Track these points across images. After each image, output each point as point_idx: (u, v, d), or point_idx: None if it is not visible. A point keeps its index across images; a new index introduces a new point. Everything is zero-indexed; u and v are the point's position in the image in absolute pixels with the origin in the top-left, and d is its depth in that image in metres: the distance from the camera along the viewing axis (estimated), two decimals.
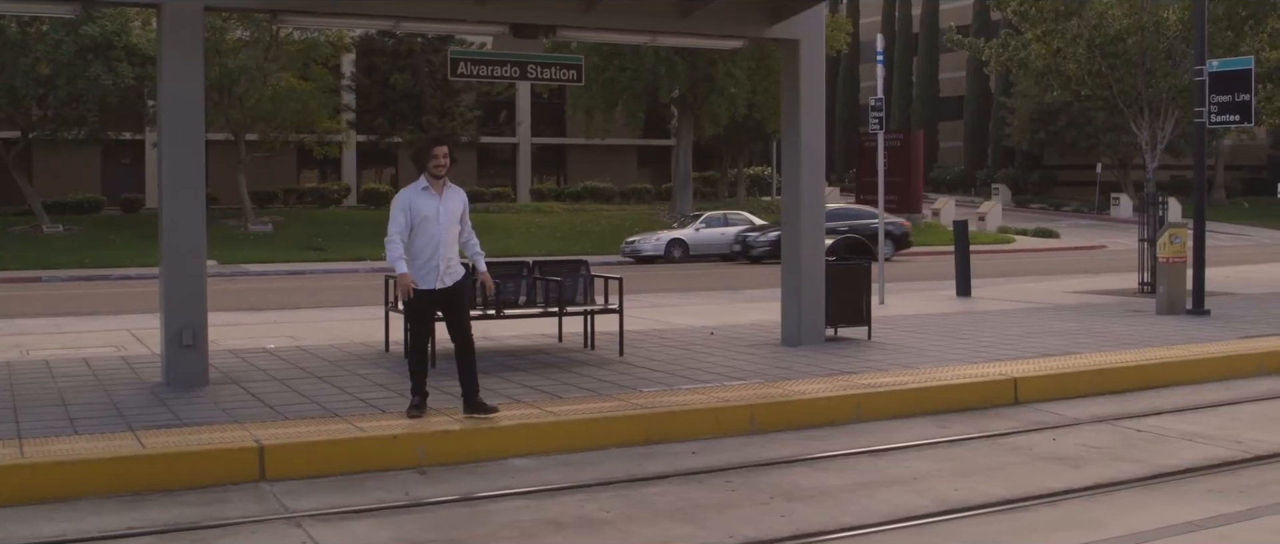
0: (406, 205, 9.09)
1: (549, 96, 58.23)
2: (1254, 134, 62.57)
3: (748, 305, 19.55)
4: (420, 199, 9.11)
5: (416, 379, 9.31)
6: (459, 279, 9.25)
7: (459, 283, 9.25)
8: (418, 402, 9.27)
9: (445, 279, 9.14)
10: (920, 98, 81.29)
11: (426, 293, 9.12)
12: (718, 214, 40.47)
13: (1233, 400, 11.27)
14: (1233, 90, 17.65)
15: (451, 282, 9.18)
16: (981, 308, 18.54)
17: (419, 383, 9.31)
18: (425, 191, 9.13)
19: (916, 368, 11.95)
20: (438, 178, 9.13)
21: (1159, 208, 20.64)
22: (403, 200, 9.14)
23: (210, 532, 6.93)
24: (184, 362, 10.91)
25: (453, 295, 9.21)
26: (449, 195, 9.22)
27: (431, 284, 9.10)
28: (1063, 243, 48.13)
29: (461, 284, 9.29)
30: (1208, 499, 7.63)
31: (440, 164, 9.09)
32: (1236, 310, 17.79)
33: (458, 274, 9.24)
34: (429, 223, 9.04)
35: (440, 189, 9.17)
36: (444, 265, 9.10)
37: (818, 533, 6.88)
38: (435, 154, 9.09)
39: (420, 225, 9.05)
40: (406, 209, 9.07)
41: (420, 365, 9.33)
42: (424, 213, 9.05)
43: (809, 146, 13.82)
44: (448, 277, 9.15)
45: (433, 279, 9.09)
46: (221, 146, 45.85)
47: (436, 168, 9.09)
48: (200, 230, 11.10)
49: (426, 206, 9.08)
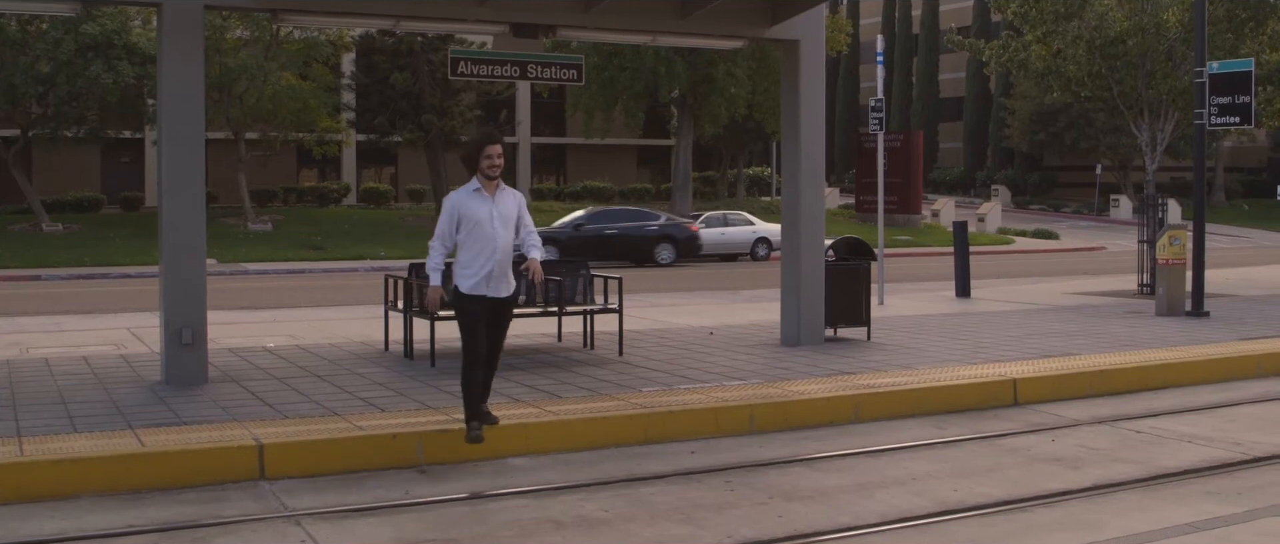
0: (456, 209, 8.47)
1: (549, 96, 58.28)
2: (1254, 136, 62.58)
3: (747, 305, 19.56)
4: (472, 202, 8.48)
5: (472, 402, 8.57)
6: (509, 294, 8.62)
7: (509, 298, 8.63)
8: (475, 425, 8.55)
9: (499, 288, 8.53)
10: (920, 99, 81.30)
11: (477, 299, 8.49)
12: (717, 214, 40.43)
13: (1232, 402, 11.28)
14: (1233, 92, 17.66)
15: (505, 292, 8.57)
16: (981, 309, 18.55)
17: (474, 406, 8.58)
18: (477, 193, 8.50)
19: (915, 368, 11.95)
20: (491, 178, 8.50)
21: (1159, 209, 20.65)
22: (453, 203, 8.50)
23: (209, 530, 6.93)
24: (183, 360, 10.92)
25: (500, 308, 8.61)
26: (503, 198, 8.58)
27: (484, 292, 8.48)
28: (1062, 244, 48.14)
29: (512, 299, 8.68)
30: (1206, 501, 7.64)
31: (495, 164, 8.47)
32: (1236, 312, 17.80)
33: (507, 288, 8.60)
34: (482, 227, 8.42)
35: (494, 191, 8.53)
36: (498, 272, 8.49)
37: (816, 533, 6.88)
38: (489, 153, 8.46)
39: (472, 231, 8.42)
40: (456, 213, 8.46)
41: (474, 385, 8.55)
42: (476, 217, 8.42)
43: (809, 147, 13.82)
44: (501, 286, 8.54)
45: (484, 287, 8.47)
46: (221, 145, 45.87)
47: (490, 168, 8.46)
48: (200, 229, 11.10)
49: (479, 210, 8.45)
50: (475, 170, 8.52)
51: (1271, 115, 28.97)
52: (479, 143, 8.51)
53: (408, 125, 46.18)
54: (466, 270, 8.47)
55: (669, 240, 34.87)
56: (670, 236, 35.05)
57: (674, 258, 34.99)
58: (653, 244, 34.68)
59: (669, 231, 35.31)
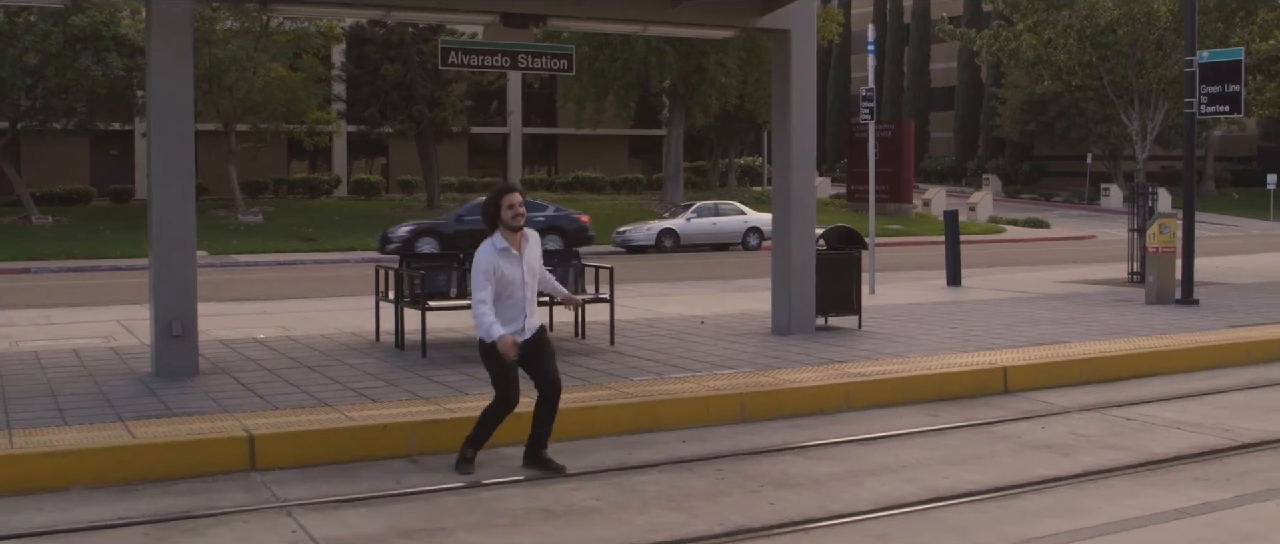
0: (490, 270, 7.90)
1: (540, 86, 58.26)
2: (1244, 125, 62.72)
3: (738, 295, 19.57)
4: (504, 264, 7.94)
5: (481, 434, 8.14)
6: (538, 329, 8.19)
7: (541, 330, 8.21)
8: (470, 454, 8.14)
9: (527, 333, 8.08)
10: (911, 88, 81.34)
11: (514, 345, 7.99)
12: (709, 204, 40.48)
13: (1221, 389, 11.32)
14: (1223, 81, 17.70)
15: (532, 330, 8.13)
16: (972, 297, 18.58)
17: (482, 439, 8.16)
18: (505, 253, 7.96)
19: (906, 357, 11.97)
20: (515, 230, 8.01)
21: (1149, 198, 20.69)
22: (485, 264, 7.92)
23: (201, 521, 6.92)
24: (174, 352, 10.90)
25: (533, 345, 8.11)
26: (528, 249, 8.14)
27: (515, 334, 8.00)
28: (1053, 233, 48.23)
29: (543, 332, 8.24)
30: (1196, 487, 7.67)
31: (518, 214, 7.99)
32: (1225, 300, 17.84)
33: (535, 326, 8.16)
34: (515, 287, 7.99)
35: (520, 244, 8.06)
36: (529, 320, 8.09)
37: (807, 521, 6.90)
38: (511, 203, 7.96)
39: (505, 291, 7.96)
40: (492, 273, 7.91)
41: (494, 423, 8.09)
42: (510, 278, 7.96)
43: (800, 137, 13.82)
44: (529, 329, 8.10)
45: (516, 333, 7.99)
46: (211, 137, 45.77)
47: (514, 219, 7.96)
48: (190, 221, 11.08)
49: (511, 271, 7.96)
50: (497, 224, 8.02)
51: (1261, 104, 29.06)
52: (497, 194, 8.04)
53: (399, 116, 46.11)
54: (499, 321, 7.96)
55: (557, 231, 33.53)
56: (558, 228, 33.84)
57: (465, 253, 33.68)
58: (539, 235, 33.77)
59: (557, 223, 34.27)
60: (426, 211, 45.60)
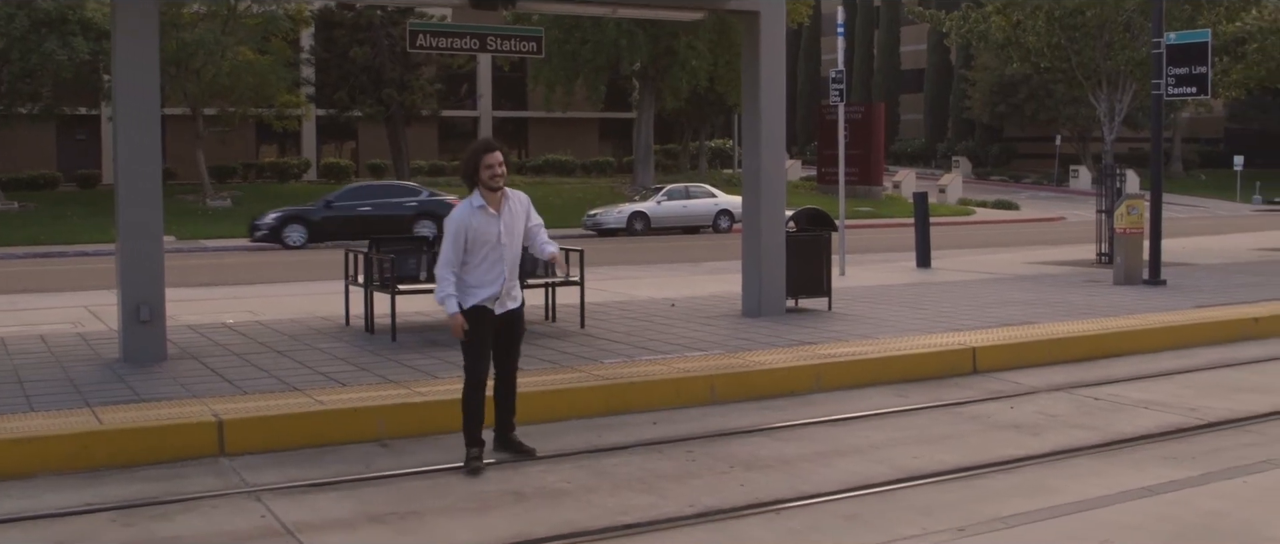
0: (462, 230, 7.57)
1: (510, 69, 58.07)
2: (1211, 107, 63.10)
3: (709, 277, 19.58)
4: (479, 222, 7.60)
5: (472, 426, 7.75)
6: (519, 305, 7.92)
7: (519, 309, 7.92)
8: (476, 453, 7.72)
9: (507, 303, 7.79)
10: (881, 71, 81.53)
11: (484, 312, 7.71)
12: (680, 187, 40.47)
13: (1187, 368, 11.41)
14: (1189, 63, 17.80)
15: (512, 306, 7.84)
16: (941, 279, 18.65)
17: (475, 431, 7.76)
18: (482, 210, 7.61)
19: (876, 338, 12.01)
20: (495, 190, 7.65)
21: (1117, 180, 20.80)
22: (458, 224, 7.59)
23: (169, 507, 6.89)
24: (141, 337, 10.84)
25: (508, 322, 7.84)
26: (510, 208, 7.74)
27: (490, 306, 7.72)
28: (1022, 214, 48.43)
29: (520, 311, 7.96)
30: (1163, 465, 7.73)
31: (496, 174, 7.60)
32: (1192, 281, 17.97)
33: (517, 299, 7.90)
34: (491, 248, 7.63)
35: (499, 204, 7.68)
36: (506, 289, 7.75)
37: (777, 501, 6.92)
38: (489, 162, 7.59)
39: (482, 252, 7.62)
40: (463, 234, 7.57)
41: (476, 408, 7.76)
42: (486, 237, 7.60)
43: (769, 119, 13.83)
44: (509, 301, 7.81)
45: (493, 303, 7.72)
46: (179, 121, 45.47)
47: (492, 179, 7.59)
48: (157, 206, 11.01)
49: (487, 229, 7.60)
50: (475, 184, 7.65)
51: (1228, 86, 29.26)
52: (476, 152, 7.65)
53: (368, 100, 45.95)
54: (474, 291, 7.67)
55: (429, 217, 33.14)
56: (430, 213, 33.34)
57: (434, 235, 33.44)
58: (410, 222, 33.05)
59: (429, 207, 33.81)
60: None
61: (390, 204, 33.72)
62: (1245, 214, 51.51)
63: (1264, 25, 27.38)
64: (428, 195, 34.87)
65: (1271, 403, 9.67)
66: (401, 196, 34.43)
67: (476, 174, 7.62)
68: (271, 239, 31.58)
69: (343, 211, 33.17)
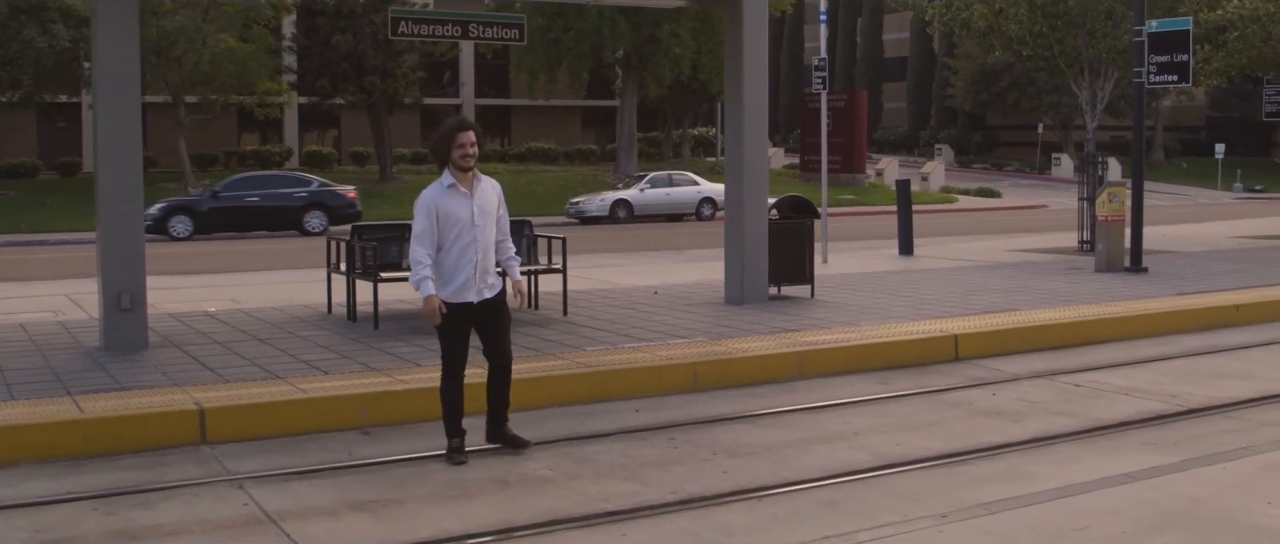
0: (432, 210, 7.42)
1: (493, 57, 57.92)
2: (1193, 95, 63.34)
3: (692, 265, 19.59)
4: (449, 200, 7.44)
5: (450, 417, 7.65)
6: (498, 292, 7.72)
7: (498, 295, 7.72)
8: (457, 444, 7.60)
9: (484, 291, 7.60)
10: (864, 59, 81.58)
11: (462, 308, 7.55)
12: (662, 175, 40.49)
13: (1168, 355, 11.45)
14: (1171, 51, 17.85)
15: (491, 294, 7.65)
16: (923, 266, 18.69)
17: (454, 422, 7.64)
18: (452, 190, 7.44)
19: (858, 325, 12.03)
20: (465, 171, 7.45)
21: (1099, 167, 20.85)
22: (427, 204, 7.44)
23: (150, 495, 6.87)
24: (123, 325, 10.80)
25: (491, 309, 7.66)
26: (482, 192, 7.56)
27: (468, 297, 7.54)
28: (1004, 202, 48.57)
29: (501, 296, 7.75)
30: (1143, 451, 7.76)
31: (468, 154, 7.40)
32: (1173, 268, 18.03)
33: (496, 285, 7.71)
34: (464, 229, 7.44)
35: (470, 184, 7.49)
36: (480, 272, 7.54)
37: (759, 488, 6.93)
38: (462, 142, 7.39)
39: (452, 233, 7.44)
40: (432, 214, 7.42)
41: (454, 399, 7.64)
42: (457, 217, 7.42)
43: (752, 107, 13.82)
44: (486, 288, 7.61)
45: (470, 292, 7.53)
46: (160, 109, 45.29)
47: (464, 158, 7.39)
48: (137, 193, 10.96)
49: (458, 209, 7.43)
50: (447, 162, 7.46)
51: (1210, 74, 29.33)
52: (450, 130, 7.45)
53: (350, 87, 45.76)
54: (449, 277, 7.51)
55: (320, 208, 32.79)
56: (321, 204, 32.97)
57: (325, 226, 31.98)
58: (300, 212, 32.53)
59: (320, 198, 33.20)
60: (377, 184, 45.32)
61: (279, 195, 32.93)
62: (1226, 202, 51.74)
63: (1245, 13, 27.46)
64: (318, 186, 34.05)
65: (1252, 389, 9.71)
66: (291, 187, 33.67)
67: (449, 153, 7.43)
68: (156, 230, 30.44)
69: (230, 202, 32.13)
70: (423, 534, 6.17)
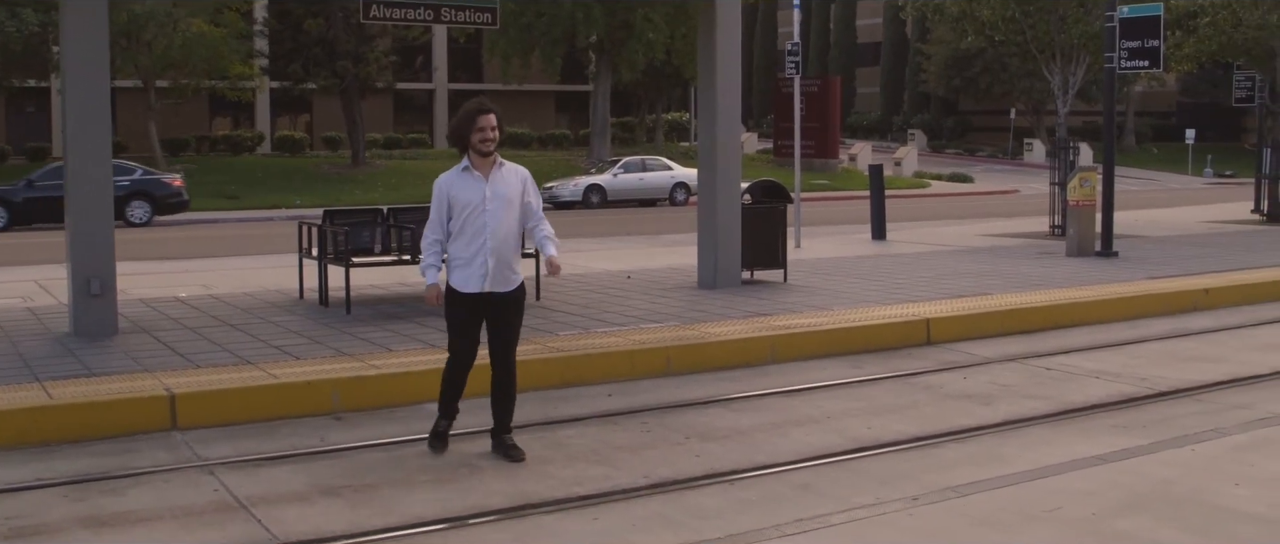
0: (443, 194, 7.14)
1: (465, 41, 57.76)
2: (1163, 80, 63.59)
3: (665, 250, 19.59)
4: (461, 184, 7.12)
5: (445, 397, 7.40)
6: (513, 288, 7.28)
7: (512, 292, 7.28)
8: (443, 426, 7.40)
9: (494, 284, 7.16)
10: (837, 44, 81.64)
11: (467, 297, 7.15)
12: (636, 160, 40.45)
13: (1138, 339, 11.51)
14: (1142, 36, 17.94)
15: (503, 288, 7.21)
16: (896, 251, 18.74)
17: (448, 403, 7.41)
18: (466, 173, 7.13)
19: (831, 309, 12.05)
20: (485, 155, 7.11)
21: (1070, 152, 20.95)
22: (441, 187, 7.18)
23: (120, 481, 6.84)
24: (92, 311, 10.73)
25: (501, 306, 7.25)
26: (501, 177, 7.19)
27: (475, 287, 7.13)
28: (977, 187, 48.73)
29: (515, 295, 7.31)
30: (1113, 434, 7.80)
31: (488, 138, 7.06)
32: (1144, 253, 18.13)
33: (511, 281, 7.24)
34: (474, 214, 7.07)
35: (488, 170, 7.15)
36: (494, 265, 7.11)
37: (731, 472, 6.94)
38: (481, 126, 7.07)
39: (463, 217, 7.08)
40: (445, 197, 7.12)
41: (451, 382, 7.37)
42: (468, 201, 7.07)
43: (725, 92, 13.81)
44: (498, 281, 7.16)
45: (478, 282, 7.12)
46: (130, 94, 44.99)
47: (483, 143, 7.05)
48: (107, 178, 10.89)
49: (470, 193, 7.09)
50: (467, 147, 7.12)
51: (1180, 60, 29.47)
52: (470, 114, 7.12)
53: (322, 72, 45.52)
54: (458, 263, 7.15)
55: (144, 197, 31.29)
56: (145, 193, 31.40)
57: (149, 216, 31.09)
58: (122, 202, 30.55)
59: (144, 187, 31.82)
60: (349, 169, 45.17)
61: None
62: (1197, 187, 52.04)
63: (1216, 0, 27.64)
64: (142, 174, 32.69)
65: (1220, 372, 9.79)
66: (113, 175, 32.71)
67: (469, 137, 7.08)
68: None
69: (47, 192, 29.66)
70: (395, 519, 6.16)
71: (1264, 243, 19.96)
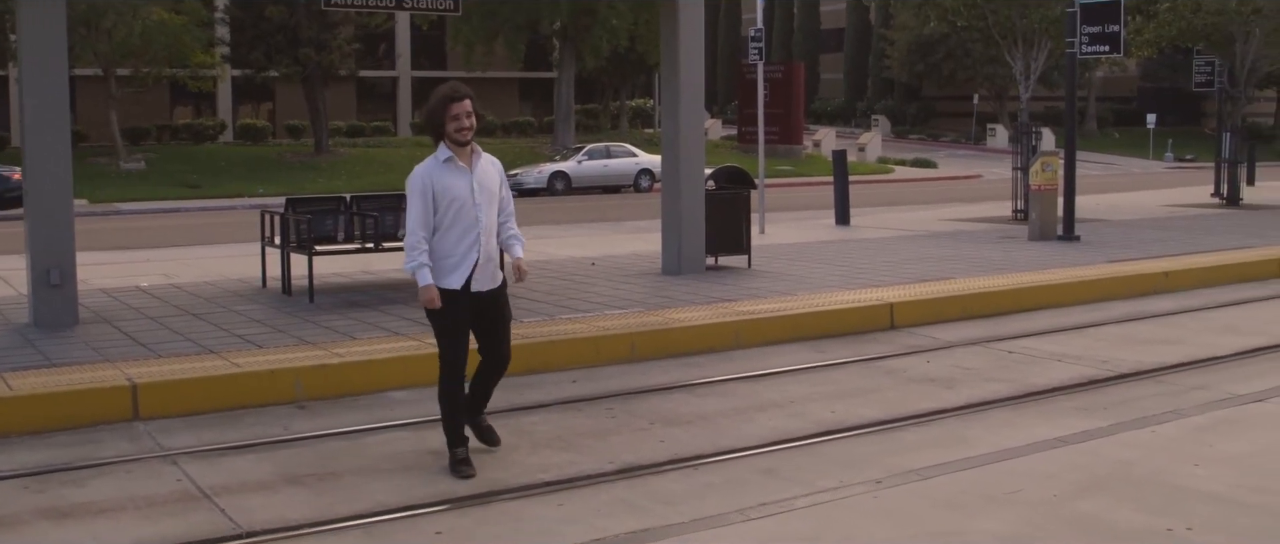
0: (426, 187, 6.62)
1: (428, 29, 57.47)
2: (1125, 66, 63.98)
3: (629, 236, 19.59)
4: (445, 176, 6.65)
5: (452, 426, 6.86)
6: (500, 284, 6.95)
7: (501, 287, 6.95)
8: (462, 454, 6.79)
9: (484, 280, 6.78)
10: (801, 30, 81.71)
11: (457, 295, 6.73)
12: (600, 146, 40.40)
13: (1099, 322, 11.61)
14: (1103, 21, 18.03)
15: (493, 284, 6.85)
16: (860, 236, 18.80)
17: (456, 430, 6.86)
18: (449, 164, 6.66)
19: (795, 295, 12.09)
20: (463, 145, 6.69)
21: (1032, 137, 21.05)
22: (421, 181, 6.64)
23: (82, 472, 6.79)
24: (52, 301, 10.63)
25: (492, 303, 6.89)
26: (481, 168, 6.78)
27: (468, 286, 6.73)
28: (940, 173, 48.91)
29: (502, 289, 6.97)
30: (1074, 416, 7.87)
31: (464, 126, 6.63)
32: (1105, 236, 18.26)
33: (498, 276, 6.92)
34: (463, 208, 6.64)
35: (469, 159, 6.72)
36: (484, 259, 6.73)
37: (696, 457, 6.96)
38: (455, 113, 6.60)
39: (451, 212, 6.64)
40: (427, 191, 6.62)
41: (455, 404, 6.88)
42: (454, 193, 6.62)
43: (688, 79, 13.81)
44: (489, 277, 6.81)
45: (463, 280, 6.71)
46: (90, 82, 44.58)
47: (459, 132, 6.62)
48: (66, 167, 10.77)
49: (456, 185, 6.63)
50: (441, 136, 6.66)
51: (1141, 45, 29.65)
52: (442, 101, 6.65)
53: (284, 60, 45.19)
54: (446, 262, 6.69)
55: None
56: None
57: None
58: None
59: None
60: (312, 157, 44.91)
61: None
62: (1157, 171, 52.43)
63: None
64: None
65: (1179, 354, 9.88)
66: None
67: (443, 126, 6.63)
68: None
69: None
70: (360, 507, 6.15)
71: (1223, 226, 20.15)
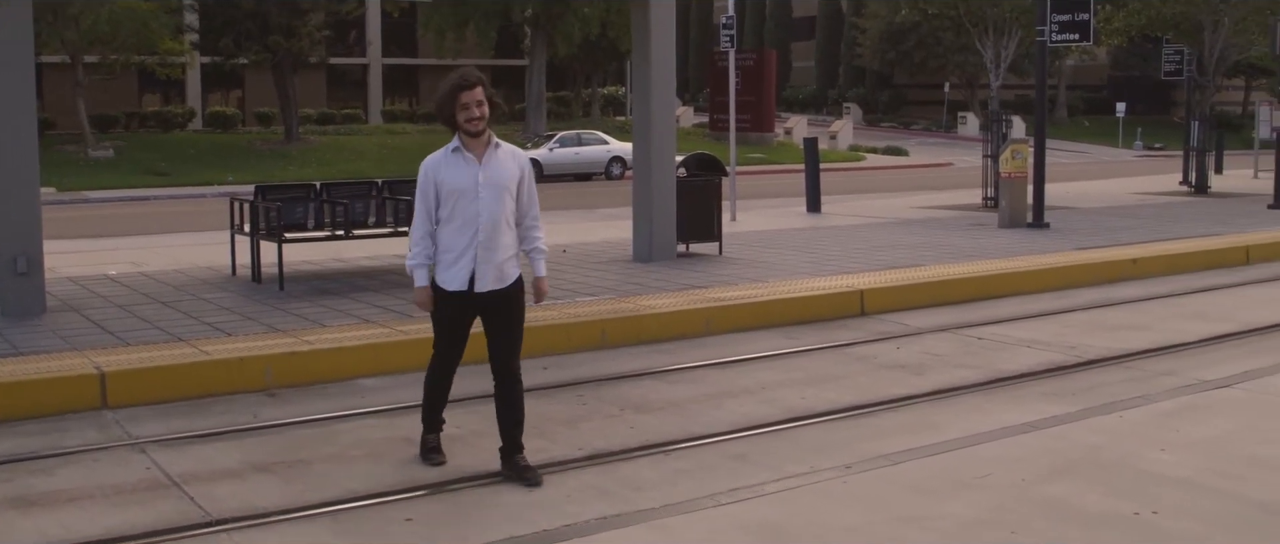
0: (427, 181, 6.32)
1: (399, 16, 57.23)
2: (1095, 54, 64.27)
3: (601, 224, 19.58)
4: (450, 167, 6.30)
5: (428, 408, 6.69)
6: (510, 283, 6.42)
7: (510, 287, 6.42)
8: (432, 441, 6.68)
9: (485, 281, 6.31)
10: (773, 17, 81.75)
11: (456, 297, 6.35)
12: (572, 134, 40.33)
13: (1068, 309, 11.67)
14: (1073, 10, 18.12)
15: (497, 285, 6.35)
16: (831, 223, 18.85)
17: (432, 414, 6.70)
18: (456, 155, 6.32)
19: (766, 281, 12.11)
20: (475, 135, 6.31)
21: (1003, 125, 21.14)
22: (423, 175, 6.36)
23: (50, 461, 6.75)
24: (19, 290, 10.55)
25: (496, 306, 6.41)
26: (495, 160, 6.35)
27: (463, 285, 6.31)
28: (912, 160, 49.03)
29: (510, 292, 6.43)
30: (1043, 401, 7.92)
31: (474, 116, 6.27)
32: (1074, 224, 18.36)
33: (508, 276, 6.38)
34: (464, 201, 6.23)
35: (480, 151, 6.34)
36: (483, 260, 6.28)
37: (667, 443, 6.97)
38: (466, 102, 6.25)
39: (451, 204, 6.26)
40: (432, 182, 6.31)
41: (435, 390, 6.67)
42: (457, 186, 6.24)
43: (659, 66, 13.80)
44: (490, 277, 6.31)
45: (465, 279, 6.30)
46: (58, 69, 44.23)
47: (470, 123, 6.25)
48: (32, 153, 10.68)
49: (459, 178, 6.26)
50: (454, 126, 6.33)
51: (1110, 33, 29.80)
52: (451, 90, 6.30)
53: (254, 47, 44.90)
54: (446, 257, 6.34)
55: None
56: None
57: None
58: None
59: None
60: (282, 145, 44.69)
61: None
62: (1127, 159, 52.74)
63: None
64: None
65: (1147, 340, 9.95)
66: None
67: (453, 116, 6.29)
68: None
69: None
70: (330, 494, 6.13)
71: (1191, 214, 20.29)
